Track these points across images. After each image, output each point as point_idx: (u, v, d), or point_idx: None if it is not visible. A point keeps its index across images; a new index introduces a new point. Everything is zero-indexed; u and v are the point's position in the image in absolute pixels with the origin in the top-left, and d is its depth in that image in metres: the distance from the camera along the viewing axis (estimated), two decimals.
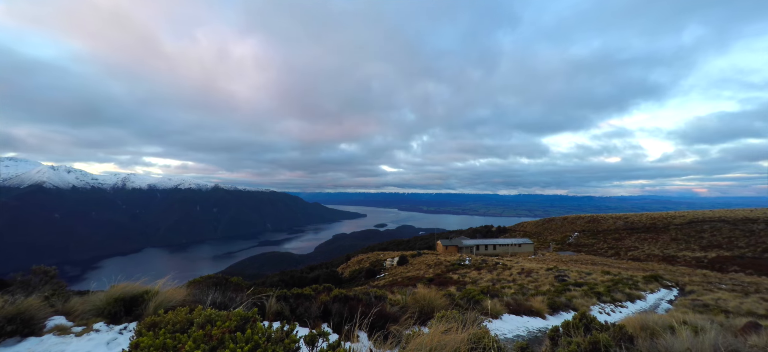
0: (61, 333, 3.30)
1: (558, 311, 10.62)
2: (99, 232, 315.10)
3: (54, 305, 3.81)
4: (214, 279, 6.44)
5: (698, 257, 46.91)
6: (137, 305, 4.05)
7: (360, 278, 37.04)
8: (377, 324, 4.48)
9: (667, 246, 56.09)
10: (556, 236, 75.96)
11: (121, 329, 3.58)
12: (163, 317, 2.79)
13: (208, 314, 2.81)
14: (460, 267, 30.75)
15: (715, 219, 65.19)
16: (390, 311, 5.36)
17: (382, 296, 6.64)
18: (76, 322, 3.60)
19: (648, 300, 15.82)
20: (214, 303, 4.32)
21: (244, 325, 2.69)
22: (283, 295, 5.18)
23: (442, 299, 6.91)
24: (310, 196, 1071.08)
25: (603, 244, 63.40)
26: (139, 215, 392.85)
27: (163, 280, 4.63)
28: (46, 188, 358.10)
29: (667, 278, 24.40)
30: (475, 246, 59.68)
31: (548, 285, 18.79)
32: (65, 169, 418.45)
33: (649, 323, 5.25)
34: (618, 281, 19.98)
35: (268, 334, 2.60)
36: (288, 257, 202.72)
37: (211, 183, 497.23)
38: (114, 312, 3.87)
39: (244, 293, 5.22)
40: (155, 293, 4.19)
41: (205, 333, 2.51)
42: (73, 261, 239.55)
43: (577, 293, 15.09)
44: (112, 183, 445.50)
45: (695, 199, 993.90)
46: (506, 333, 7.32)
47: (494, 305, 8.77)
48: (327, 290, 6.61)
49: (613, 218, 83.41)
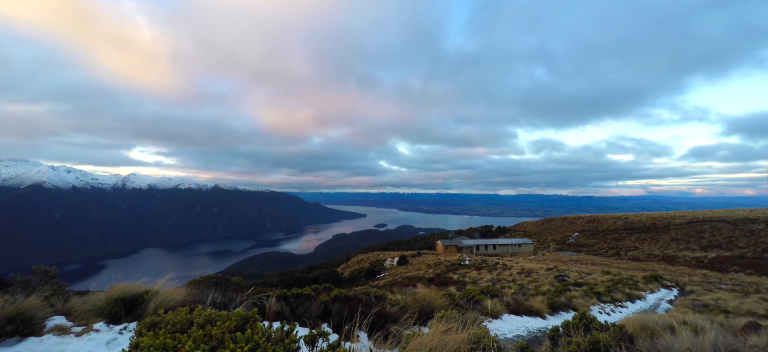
0: (61, 333, 3.30)
1: (558, 311, 10.61)
2: (99, 232, 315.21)
3: (54, 305, 3.81)
4: (214, 279, 6.44)
5: (698, 257, 46.94)
6: (137, 305, 4.05)
7: (360, 278, 37.05)
8: (377, 324, 4.48)
9: (667, 246, 56.14)
10: (556, 236, 75.99)
11: (121, 329, 3.58)
12: (163, 317, 2.79)
13: (208, 314, 2.80)
14: (460, 267, 30.75)
15: (715, 219, 65.22)
16: (390, 311, 5.36)
17: (382, 296, 6.64)
18: (76, 322, 3.60)
19: (648, 300, 15.82)
20: (214, 303, 4.32)
21: (244, 325, 2.69)
22: (283, 295, 5.18)
23: (442, 299, 6.91)
24: (310, 196, 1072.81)
25: (603, 244, 63.43)
26: (139, 215, 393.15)
27: (163, 280, 4.63)
28: (46, 188, 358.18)
29: (667, 278, 24.41)
30: (475, 246, 59.70)
31: (548, 285, 18.79)
32: (65, 170, 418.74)
33: (649, 323, 5.25)
34: (618, 281, 19.99)
35: (268, 334, 2.60)
36: (288, 257, 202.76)
37: (212, 183, 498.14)
38: (114, 312, 3.87)
39: (244, 293, 5.22)
40: (155, 293, 4.19)
41: (205, 333, 2.51)
42: (73, 261, 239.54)
43: (577, 293, 15.08)
44: (112, 183, 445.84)
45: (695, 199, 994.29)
46: (506, 333, 7.32)
47: (494, 305, 8.77)
48: (327, 290, 6.61)
49: (613, 218, 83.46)
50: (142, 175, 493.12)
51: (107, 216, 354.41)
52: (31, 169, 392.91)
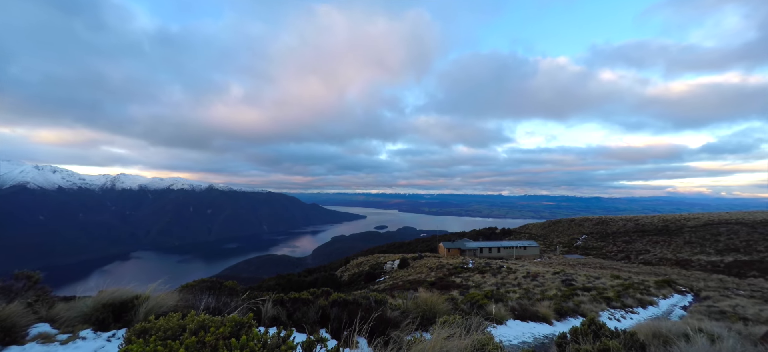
0: (45, 341, 3.27)
1: (565, 317, 10.62)
2: (86, 234, 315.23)
3: (37, 311, 3.76)
4: (207, 283, 6.43)
5: (714, 261, 46.81)
6: (127, 310, 4.03)
7: (359, 281, 37.10)
8: (377, 329, 4.48)
9: (680, 250, 56.05)
10: (562, 239, 76.02)
11: (109, 337, 3.56)
12: (154, 324, 2.78)
13: (201, 320, 2.80)
14: (463, 270, 30.76)
15: (732, 221, 65.01)
16: (390, 315, 5.36)
17: (383, 300, 6.63)
18: (62, 329, 3.57)
19: (660, 306, 15.78)
20: (208, 308, 4.31)
21: (239, 331, 2.68)
22: (280, 299, 5.18)
23: (445, 304, 6.91)
24: (308, 197, 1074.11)
25: (612, 247, 63.42)
26: (130, 217, 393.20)
27: (155, 284, 4.62)
28: (30, 189, 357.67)
29: (681, 283, 24.34)
30: (479, 249, 59.75)
31: (555, 290, 18.79)
32: (50, 169, 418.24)
33: (662, 330, 5.23)
34: (628, 285, 19.97)
35: (264, 340, 2.59)
36: (285, 260, 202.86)
37: (206, 183, 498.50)
38: (102, 319, 3.85)
39: (239, 298, 5.21)
40: (146, 298, 4.17)
41: (198, 340, 2.51)
42: (58, 265, 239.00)
43: (586, 298, 15.07)
44: (101, 183, 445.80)
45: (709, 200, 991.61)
46: (511, 339, 7.32)
47: (499, 310, 8.77)
48: (325, 294, 6.60)
49: (623, 219, 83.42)
50: (132, 175, 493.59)
51: (95, 218, 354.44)
52: (14, 169, 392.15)
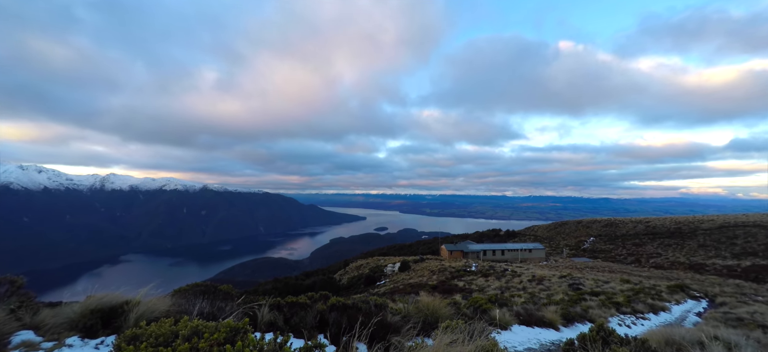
0: (29, 349, 3.25)
1: (573, 323, 10.60)
2: (74, 237, 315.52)
3: (21, 318, 3.73)
4: (201, 287, 6.43)
5: (730, 265, 46.59)
6: (116, 316, 4.02)
7: (359, 285, 37.09)
8: (378, 335, 4.47)
9: (694, 253, 55.95)
10: (569, 241, 75.99)
11: (97, 344, 3.54)
12: (145, 330, 2.78)
13: (194, 326, 2.79)
14: (466, 274, 30.77)
15: (750, 224, 64.75)
16: (391, 320, 5.35)
17: (383, 304, 6.63)
18: (47, 337, 3.54)
19: (673, 312, 15.71)
20: (202, 313, 4.31)
21: (234, 337, 2.68)
22: (277, 304, 5.18)
23: (447, 308, 6.90)
24: (306, 198, 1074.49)
25: (622, 250, 63.39)
26: (120, 219, 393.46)
27: (146, 289, 4.61)
28: (14, 189, 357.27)
29: (695, 287, 24.24)
30: (482, 251, 59.78)
31: (562, 294, 18.78)
32: (36, 169, 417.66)
33: (675, 337, 5.21)
34: (639, 290, 19.96)
35: (260, 346, 2.59)
36: (282, 263, 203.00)
37: (200, 184, 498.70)
38: (90, 325, 3.83)
39: (235, 302, 5.21)
40: (136, 303, 4.17)
41: (192, 346, 2.51)
42: (44, 269, 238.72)
43: (594, 303, 15.04)
44: (90, 184, 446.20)
45: (725, 202, 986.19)
46: (516, 346, 7.31)
47: (503, 315, 8.77)
48: (324, 298, 6.60)
49: (633, 221, 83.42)
50: (122, 175, 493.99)
51: (84, 219, 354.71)
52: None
